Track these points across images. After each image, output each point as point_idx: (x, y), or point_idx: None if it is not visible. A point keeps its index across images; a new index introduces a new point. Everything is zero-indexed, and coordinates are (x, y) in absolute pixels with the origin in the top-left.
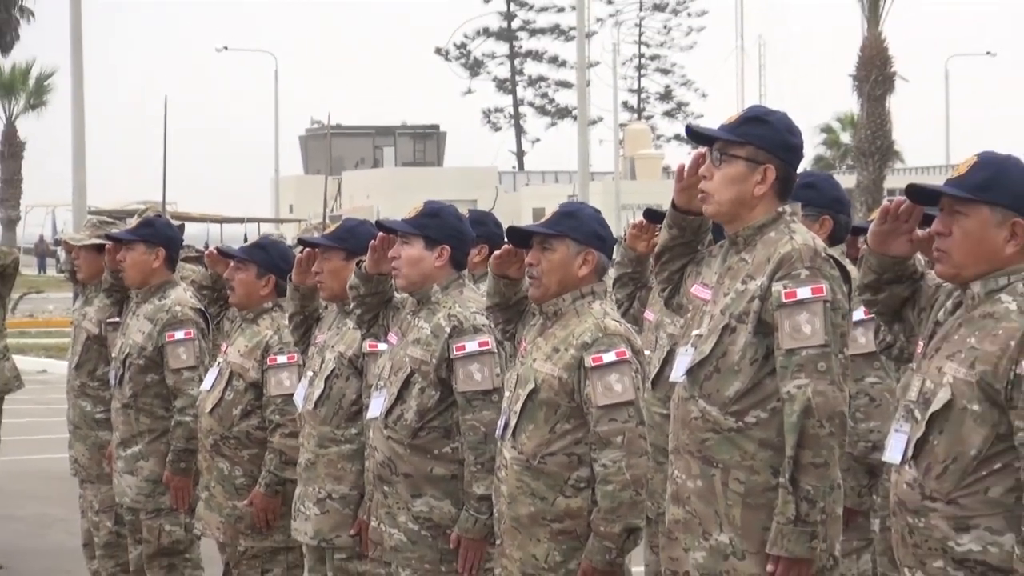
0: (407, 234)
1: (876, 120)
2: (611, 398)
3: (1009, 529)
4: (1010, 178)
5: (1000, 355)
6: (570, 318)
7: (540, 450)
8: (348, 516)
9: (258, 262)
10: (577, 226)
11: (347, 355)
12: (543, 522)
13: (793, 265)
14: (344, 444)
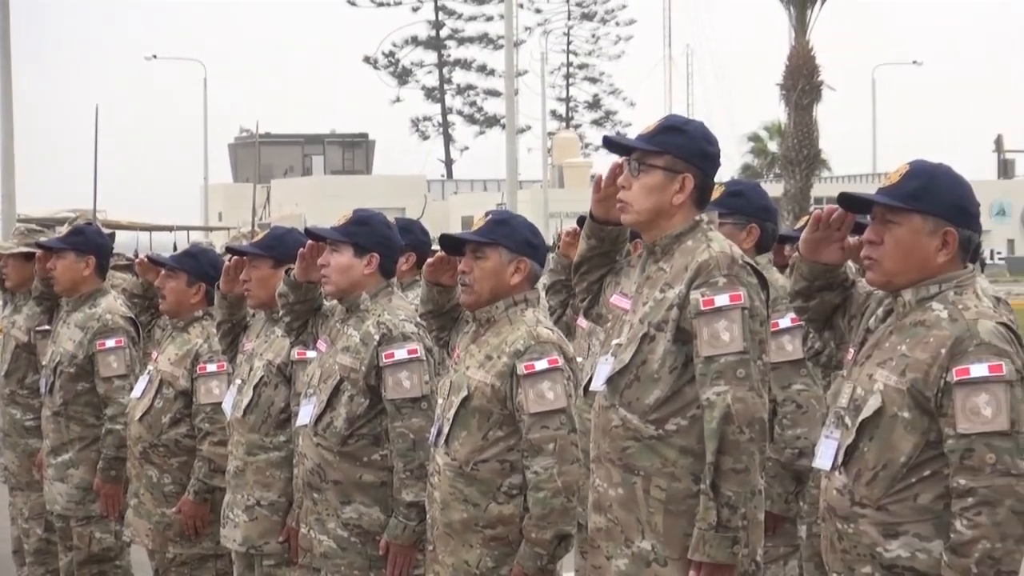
0: (336, 242)
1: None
2: (543, 405)
3: (937, 536)
4: (941, 187)
5: (931, 363)
6: (503, 325)
7: (473, 457)
8: (277, 523)
9: (188, 270)
10: (509, 234)
11: (275, 363)
12: (475, 528)
13: (711, 273)
14: (273, 451)
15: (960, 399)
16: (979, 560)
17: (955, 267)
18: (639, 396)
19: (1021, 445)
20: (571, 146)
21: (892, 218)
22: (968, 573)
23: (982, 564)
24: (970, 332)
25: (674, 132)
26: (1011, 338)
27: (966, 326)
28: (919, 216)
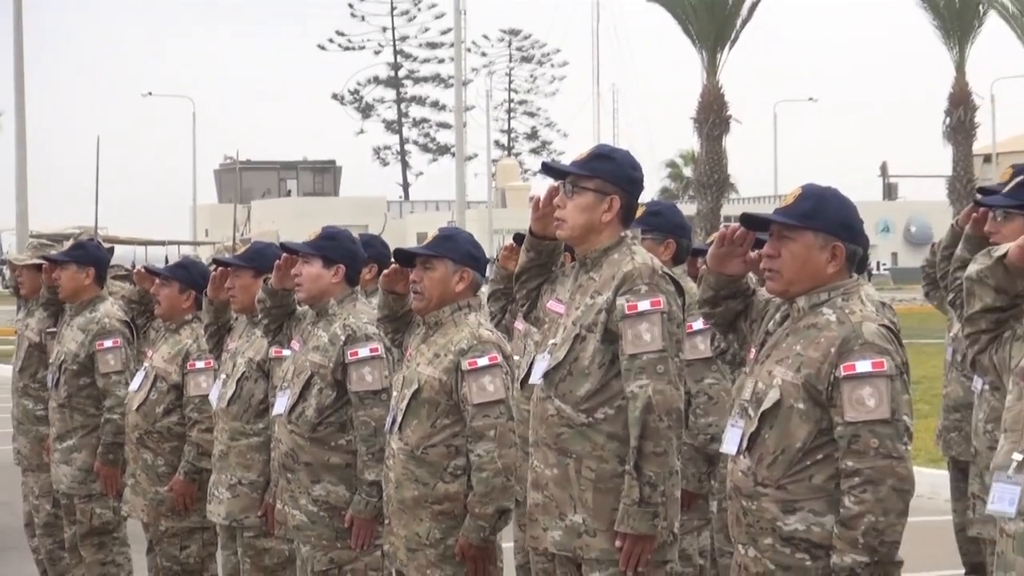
0: (308, 255)
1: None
2: (484, 397)
3: (830, 511)
4: (830, 207)
5: (822, 360)
6: (449, 327)
7: (423, 442)
8: (256, 499)
9: (180, 279)
10: (454, 248)
11: (255, 360)
12: (425, 504)
13: (634, 282)
14: (253, 437)
15: (847, 391)
16: (865, 532)
17: (843, 277)
18: (572, 389)
19: (900, 431)
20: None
21: (788, 234)
22: (856, 544)
23: (868, 535)
24: (855, 333)
25: (604, 159)
26: (891, 338)
27: (852, 328)
28: (811, 233)
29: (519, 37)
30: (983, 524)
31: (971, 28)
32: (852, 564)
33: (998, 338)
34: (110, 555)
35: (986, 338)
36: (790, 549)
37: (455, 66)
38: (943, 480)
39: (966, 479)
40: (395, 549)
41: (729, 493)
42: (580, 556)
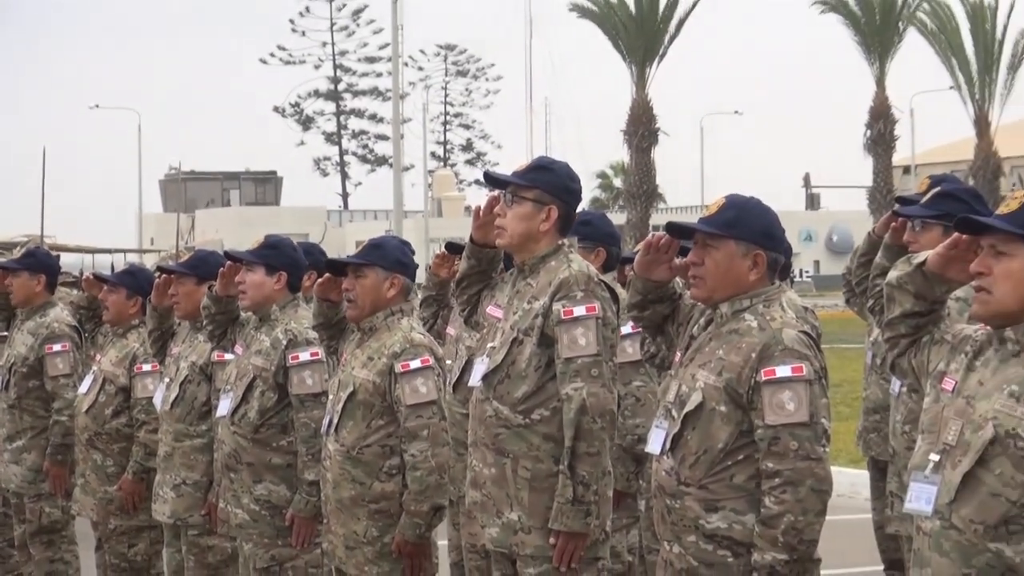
0: (251, 263)
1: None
2: (417, 398)
3: (750, 510)
4: (752, 217)
5: (743, 365)
6: (382, 332)
7: (358, 442)
8: (200, 499)
9: (127, 286)
10: (384, 255)
11: (198, 364)
12: (362, 503)
13: (571, 288)
14: (196, 439)
15: (767, 395)
16: (785, 531)
17: (764, 284)
18: (509, 391)
19: (818, 434)
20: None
21: (711, 243)
22: (776, 542)
23: (787, 534)
24: (776, 339)
25: (543, 170)
26: (811, 344)
27: (772, 334)
28: (733, 241)
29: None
30: (901, 521)
31: (891, 44)
32: (772, 561)
33: (917, 342)
34: (58, 553)
35: (905, 342)
36: (712, 546)
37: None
38: (863, 479)
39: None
40: (334, 547)
41: (654, 492)
42: (516, 552)
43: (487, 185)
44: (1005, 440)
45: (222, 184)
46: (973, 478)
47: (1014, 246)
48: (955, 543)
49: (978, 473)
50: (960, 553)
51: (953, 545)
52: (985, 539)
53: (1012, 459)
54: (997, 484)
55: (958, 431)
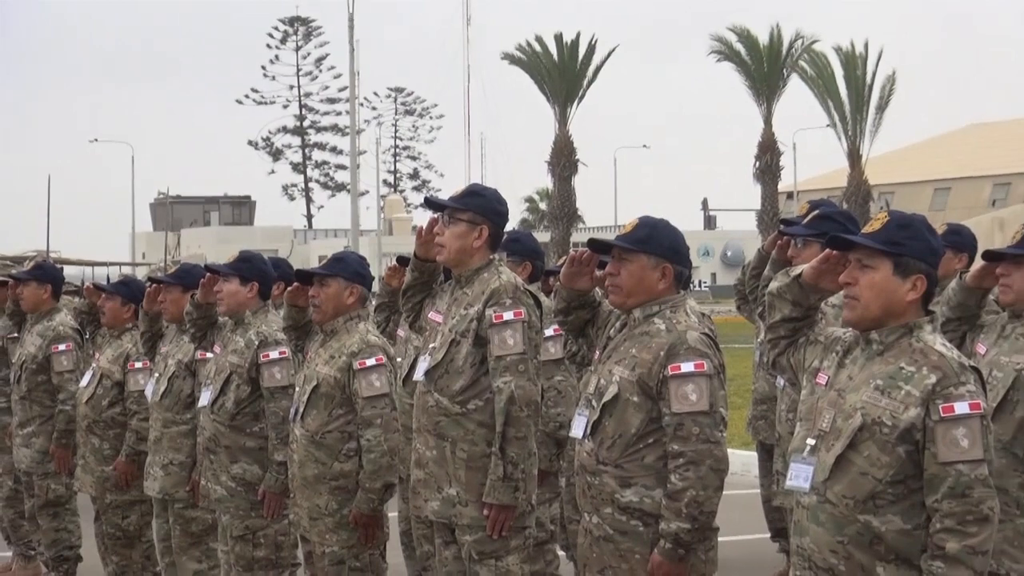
0: (228, 274)
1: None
2: (372, 391)
3: (659, 486)
4: (661, 234)
5: (653, 361)
6: (342, 334)
7: (321, 429)
8: (184, 477)
9: (122, 294)
10: (345, 268)
11: (184, 361)
12: (324, 480)
13: (501, 296)
14: (182, 425)
15: (674, 388)
16: (688, 504)
17: (671, 292)
18: (448, 384)
19: (717, 421)
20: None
21: (626, 257)
22: (680, 513)
23: (690, 506)
24: (681, 340)
25: (476, 195)
26: (711, 344)
27: (678, 335)
28: (645, 255)
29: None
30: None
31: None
32: (677, 530)
33: (795, 343)
34: (63, 523)
35: (785, 343)
36: (626, 517)
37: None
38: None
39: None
40: (299, 518)
41: (576, 470)
42: (454, 522)
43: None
44: (871, 427)
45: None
46: (844, 460)
47: (877, 260)
48: (829, 515)
49: (848, 455)
50: (834, 524)
51: (828, 517)
52: (855, 512)
53: (877, 443)
54: (865, 464)
55: (831, 419)
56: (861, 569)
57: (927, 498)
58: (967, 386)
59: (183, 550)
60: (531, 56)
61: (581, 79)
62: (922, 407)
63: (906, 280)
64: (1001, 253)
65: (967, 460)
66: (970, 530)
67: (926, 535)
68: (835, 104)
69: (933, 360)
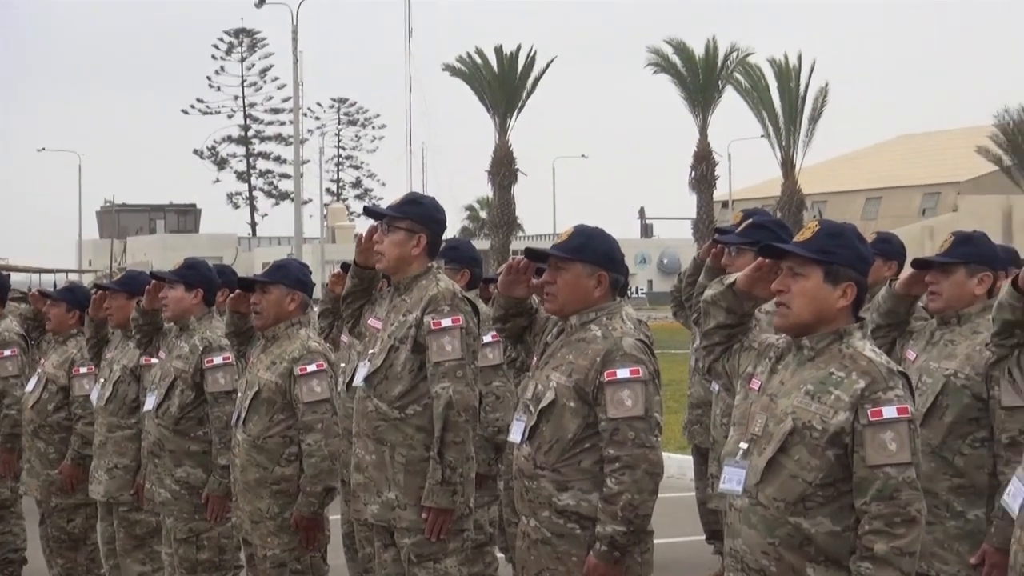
0: (173, 281)
1: (504, 202)
2: (313, 397)
3: (595, 489)
4: (596, 243)
5: (590, 367)
6: (284, 340)
7: (263, 433)
8: (129, 480)
9: (67, 301)
10: (286, 275)
11: (128, 367)
12: (266, 484)
13: (439, 303)
14: (127, 430)
15: (610, 393)
16: (623, 507)
17: (607, 299)
18: (387, 390)
19: (652, 426)
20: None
21: (562, 265)
22: (616, 516)
23: (626, 510)
24: (617, 346)
25: (414, 204)
26: (646, 350)
27: (614, 342)
28: (580, 264)
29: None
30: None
31: (712, 99)
32: (613, 532)
33: (729, 349)
34: (8, 527)
35: (719, 349)
36: (563, 520)
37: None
38: (688, 463)
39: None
40: (242, 521)
41: (514, 474)
42: (394, 525)
43: (369, 216)
44: (802, 431)
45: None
46: (776, 463)
47: (808, 268)
48: (761, 517)
49: (780, 459)
50: (765, 526)
51: (759, 519)
52: (786, 514)
53: (808, 447)
54: (796, 468)
55: (763, 423)
56: (792, 570)
57: (856, 500)
58: (895, 391)
59: (127, 552)
60: (472, 68)
61: (521, 90)
62: (851, 411)
63: (836, 287)
64: (930, 261)
65: (895, 463)
66: (898, 531)
67: (855, 536)
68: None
69: (862, 365)
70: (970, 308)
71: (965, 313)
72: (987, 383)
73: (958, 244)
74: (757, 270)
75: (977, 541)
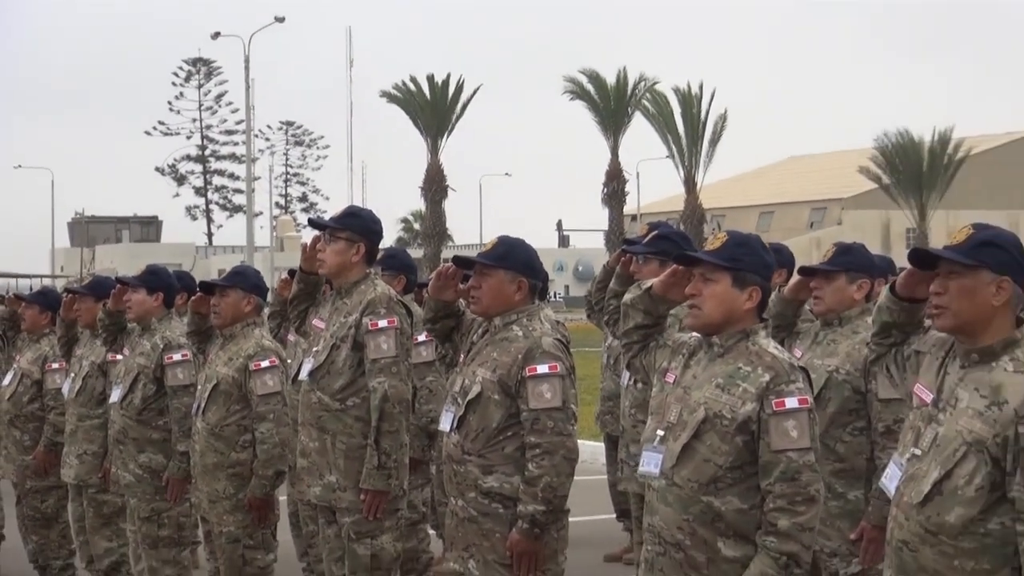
0: (136, 285)
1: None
2: (266, 390)
3: (517, 473)
4: (517, 252)
5: (512, 364)
6: (240, 339)
7: (220, 422)
8: (97, 465)
9: (40, 303)
10: (243, 280)
11: (96, 362)
12: (222, 468)
13: (376, 306)
14: (95, 419)
15: (531, 387)
16: (543, 488)
17: (527, 302)
18: (329, 384)
19: (568, 416)
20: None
21: (487, 272)
22: (536, 497)
23: (545, 491)
24: (537, 344)
25: (353, 216)
26: (563, 348)
27: (535, 341)
28: (503, 270)
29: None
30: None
31: (622, 123)
32: (533, 512)
33: (646, 347)
34: None
35: (637, 347)
36: (488, 500)
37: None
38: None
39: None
40: (200, 501)
41: (444, 459)
42: (335, 505)
43: (313, 228)
44: (713, 419)
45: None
46: (690, 448)
47: (718, 274)
48: (676, 497)
49: (693, 444)
50: (680, 504)
51: (675, 498)
52: (699, 493)
53: (718, 434)
54: (707, 452)
55: (678, 413)
56: (704, 544)
57: (761, 481)
58: (796, 384)
59: (96, 530)
60: (406, 94)
61: (451, 114)
62: (757, 402)
63: (743, 291)
64: (814, 269)
65: (796, 448)
66: (799, 509)
67: (760, 514)
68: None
69: (767, 361)
70: (850, 311)
71: (846, 315)
72: (865, 378)
73: (839, 254)
74: (672, 276)
75: (856, 519)
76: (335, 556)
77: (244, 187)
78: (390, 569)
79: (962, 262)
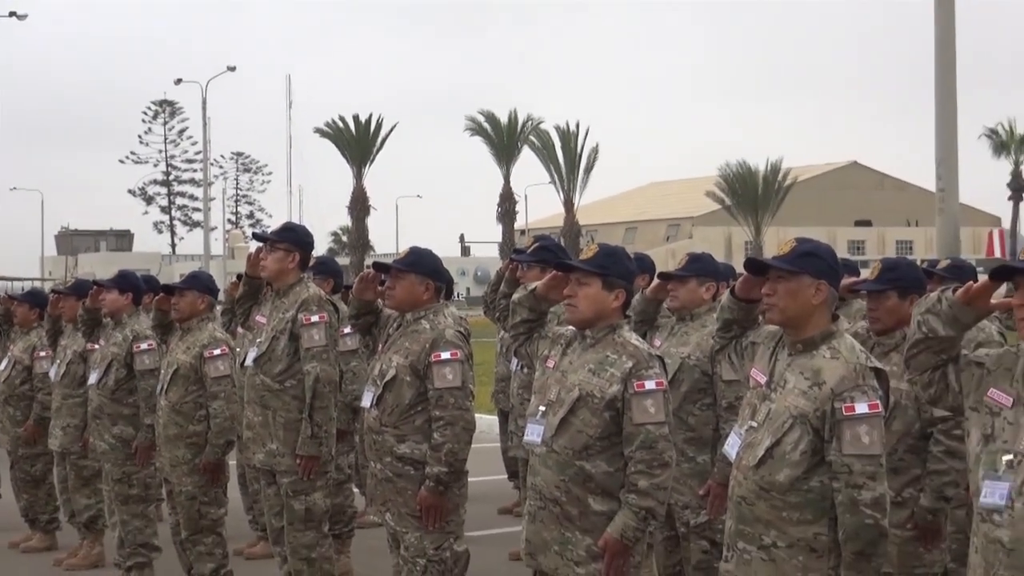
0: (110, 287)
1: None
2: (218, 373)
3: (425, 441)
4: (426, 259)
5: (421, 351)
6: (196, 331)
7: (180, 400)
8: (78, 436)
9: (30, 302)
10: (198, 283)
11: (78, 351)
12: (182, 438)
13: (309, 305)
14: (76, 398)
15: (435, 370)
16: (446, 454)
17: (433, 301)
18: (270, 368)
19: (467, 393)
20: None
21: (400, 275)
22: (441, 460)
23: (448, 455)
24: (441, 335)
25: (290, 230)
26: (463, 338)
27: (439, 332)
28: (414, 274)
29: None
30: (516, 448)
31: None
32: (438, 473)
33: (530, 338)
34: None
35: (523, 338)
36: (401, 464)
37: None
38: (494, 422)
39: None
40: (163, 465)
41: (365, 431)
42: (275, 469)
43: (257, 240)
44: (586, 398)
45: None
46: (566, 422)
47: (591, 279)
48: (555, 461)
49: (569, 419)
50: (558, 467)
51: (554, 463)
52: (573, 459)
53: (590, 410)
54: (581, 425)
55: (557, 392)
56: (577, 500)
57: (624, 449)
58: (654, 369)
59: (77, 490)
60: (336, 130)
61: (372, 147)
62: (622, 384)
63: (611, 293)
64: (671, 274)
65: (654, 422)
66: (655, 472)
67: (624, 475)
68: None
69: (630, 350)
70: (699, 308)
71: (696, 312)
72: (712, 363)
73: (691, 262)
74: (552, 280)
75: (704, 478)
76: (275, 511)
77: (202, 206)
78: (321, 521)
79: (787, 269)
